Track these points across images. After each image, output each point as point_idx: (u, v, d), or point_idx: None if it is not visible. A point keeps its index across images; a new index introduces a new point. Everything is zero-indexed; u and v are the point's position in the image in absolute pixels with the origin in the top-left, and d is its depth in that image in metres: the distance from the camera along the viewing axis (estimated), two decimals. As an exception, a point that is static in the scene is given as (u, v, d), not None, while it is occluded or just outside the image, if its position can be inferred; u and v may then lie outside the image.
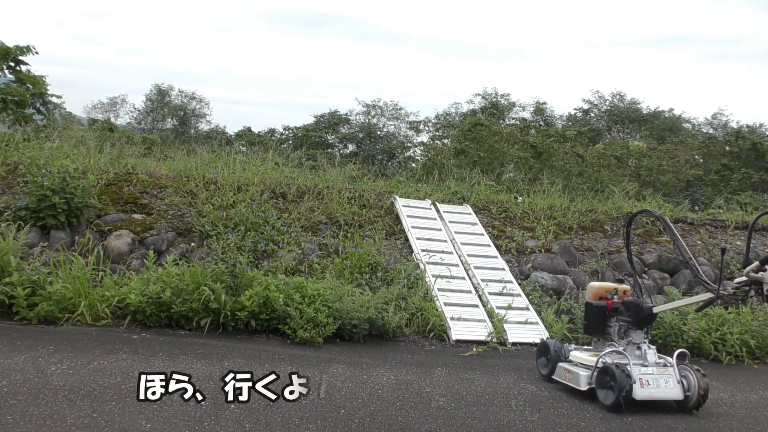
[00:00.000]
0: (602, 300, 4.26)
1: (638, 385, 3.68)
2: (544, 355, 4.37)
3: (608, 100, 28.25)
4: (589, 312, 4.28)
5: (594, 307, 4.24)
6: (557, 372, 4.19)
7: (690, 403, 3.80)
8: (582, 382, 3.91)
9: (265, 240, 6.04)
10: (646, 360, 3.90)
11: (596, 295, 4.31)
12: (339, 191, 7.56)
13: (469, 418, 3.40)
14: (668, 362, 3.90)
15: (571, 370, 4.06)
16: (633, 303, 4.06)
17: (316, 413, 3.26)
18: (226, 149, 9.12)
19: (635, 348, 3.99)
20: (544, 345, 4.40)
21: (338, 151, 22.65)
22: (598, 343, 4.27)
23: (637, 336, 4.02)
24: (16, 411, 2.94)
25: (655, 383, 3.76)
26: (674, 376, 3.81)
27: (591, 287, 4.38)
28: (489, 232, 7.29)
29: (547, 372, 4.28)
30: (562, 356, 4.22)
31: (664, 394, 3.77)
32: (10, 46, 11.23)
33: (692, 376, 3.83)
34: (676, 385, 3.79)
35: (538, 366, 4.41)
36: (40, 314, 4.56)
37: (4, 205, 5.83)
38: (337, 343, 4.80)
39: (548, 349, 4.31)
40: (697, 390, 3.77)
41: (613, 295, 4.26)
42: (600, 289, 4.32)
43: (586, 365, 4.03)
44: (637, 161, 15.26)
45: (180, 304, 4.71)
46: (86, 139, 9.00)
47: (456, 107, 26.66)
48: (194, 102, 29.44)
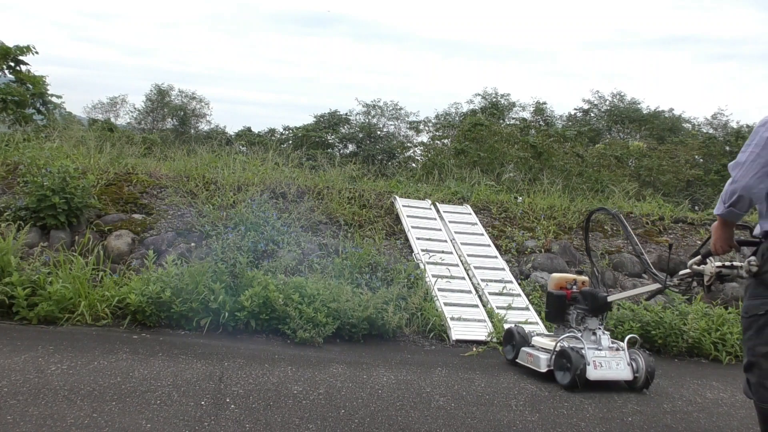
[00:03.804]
0: (562, 290, 4.59)
1: (592, 367, 4.04)
2: (509, 342, 4.76)
3: (608, 100, 28.27)
4: (550, 301, 4.63)
5: (554, 296, 4.58)
6: (520, 356, 4.56)
7: (638, 383, 4.16)
8: (542, 365, 4.28)
9: (265, 240, 6.04)
10: (600, 344, 4.26)
11: (557, 285, 4.63)
12: (339, 191, 7.56)
13: (469, 418, 3.40)
14: (620, 346, 4.28)
15: (532, 353, 4.42)
16: (589, 293, 4.41)
17: (316, 413, 3.26)
18: (226, 149, 9.12)
19: (591, 333, 4.34)
20: (509, 332, 4.79)
21: (338, 151, 22.66)
22: (559, 329, 4.59)
23: (593, 323, 4.37)
24: (16, 411, 2.94)
25: (608, 365, 4.12)
26: (625, 359, 4.18)
27: (553, 278, 4.72)
28: (489, 232, 7.29)
29: (512, 356, 4.64)
30: (526, 342, 4.60)
31: (615, 375, 4.13)
32: (10, 46, 11.23)
33: (641, 359, 4.17)
34: (626, 366, 4.15)
35: (505, 352, 4.77)
36: (40, 314, 4.56)
37: (4, 205, 5.83)
38: (337, 343, 4.80)
39: (513, 336, 4.70)
40: (644, 371, 4.14)
41: (573, 285, 4.59)
42: (561, 280, 4.66)
43: (546, 349, 4.37)
44: (637, 161, 15.26)
45: (180, 304, 4.71)
46: (86, 139, 9.00)
47: (456, 107, 26.70)
48: (194, 102, 29.46)
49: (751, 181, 2.65)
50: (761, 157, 2.62)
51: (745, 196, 2.67)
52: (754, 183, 2.64)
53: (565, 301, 4.53)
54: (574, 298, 4.50)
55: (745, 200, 2.68)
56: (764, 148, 2.62)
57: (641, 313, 5.51)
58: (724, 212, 2.76)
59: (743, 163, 2.69)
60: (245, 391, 3.48)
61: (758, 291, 2.68)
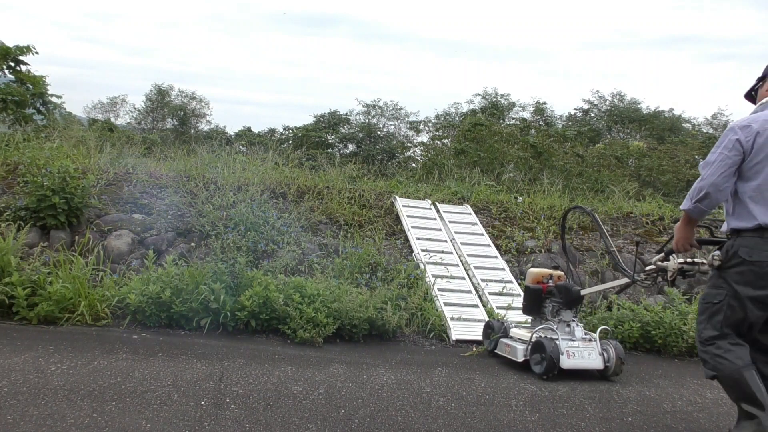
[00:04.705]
0: (539, 284, 4.78)
1: (565, 356, 4.26)
2: (488, 334, 4.95)
3: (608, 100, 28.27)
4: (527, 294, 4.81)
5: (531, 290, 4.77)
6: (499, 347, 4.77)
7: (609, 372, 4.39)
8: (519, 355, 4.48)
9: (265, 240, 6.04)
10: (574, 335, 4.48)
11: (534, 280, 4.81)
12: (339, 191, 7.56)
13: (469, 418, 3.40)
14: (593, 337, 4.51)
15: (510, 344, 4.64)
16: (564, 287, 4.61)
17: (316, 413, 3.26)
18: (226, 149, 9.12)
19: (565, 325, 4.56)
20: (489, 325, 4.98)
21: (338, 151, 22.65)
22: (535, 321, 4.78)
23: (567, 315, 4.59)
24: (16, 411, 2.94)
25: (580, 355, 4.35)
26: (596, 349, 4.40)
27: (530, 273, 4.90)
28: (489, 232, 7.29)
29: (492, 347, 4.84)
30: (504, 333, 4.82)
31: (587, 364, 4.35)
32: (10, 46, 11.24)
33: (611, 350, 4.40)
34: (598, 356, 4.38)
35: (486, 344, 4.95)
36: (40, 314, 4.56)
37: (4, 205, 5.82)
38: (337, 343, 4.80)
39: (493, 328, 4.89)
40: (615, 361, 4.36)
41: (549, 279, 4.76)
42: (537, 275, 4.82)
43: (523, 340, 4.57)
44: (637, 161, 15.25)
45: (180, 304, 4.71)
46: (86, 139, 9.01)
47: (456, 107, 26.69)
48: (194, 102, 29.48)
49: (718, 179, 2.90)
50: (729, 158, 2.89)
51: (712, 193, 2.93)
52: (721, 181, 2.90)
53: (542, 294, 4.72)
54: (550, 291, 4.69)
55: (712, 197, 2.94)
56: (732, 150, 2.89)
57: (641, 313, 5.51)
58: (691, 207, 3.04)
59: (712, 162, 2.95)
60: (245, 391, 3.48)
61: (718, 282, 3.03)
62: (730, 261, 2.96)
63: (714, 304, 3.02)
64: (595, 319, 5.52)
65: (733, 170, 2.90)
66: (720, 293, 3.00)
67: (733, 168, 2.90)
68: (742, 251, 2.90)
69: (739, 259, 2.91)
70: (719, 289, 3.01)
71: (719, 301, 2.99)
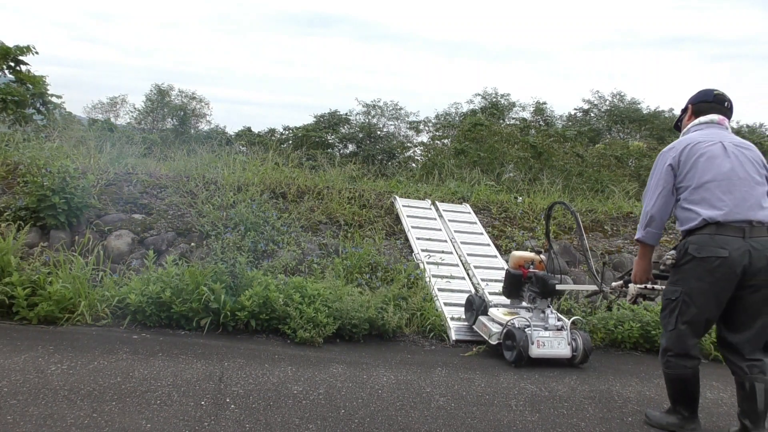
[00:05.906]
0: (520, 269, 4.92)
1: (535, 346, 4.44)
2: (469, 309, 5.15)
3: (608, 100, 28.27)
4: (508, 278, 4.98)
5: (512, 274, 4.94)
6: (477, 324, 4.95)
7: (576, 360, 4.59)
8: (493, 338, 4.67)
9: (265, 240, 6.04)
10: (547, 323, 4.64)
11: (516, 264, 4.96)
12: (339, 191, 7.56)
13: (469, 418, 3.40)
14: (564, 326, 4.65)
15: (486, 324, 4.79)
16: (541, 278, 4.75)
17: (316, 413, 3.26)
18: (226, 149, 9.12)
19: (540, 312, 4.74)
20: (469, 300, 5.18)
21: (338, 151, 22.65)
22: (514, 302, 5.00)
23: (542, 303, 4.76)
24: (16, 411, 2.94)
25: (550, 344, 4.51)
26: (566, 339, 4.56)
27: (513, 256, 5.03)
28: (489, 232, 7.29)
29: (472, 322, 5.05)
30: (484, 310, 4.99)
31: (555, 353, 4.52)
32: (10, 46, 11.25)
33: (579, 339, 4.59)
34: (567, 346, 4.54)
35: (467, 318, 5.16)
36: (40, 314, 4.56)
37: (4, 205, 5.82)
38: (337, 343, 4.80)
39: (473, 304, 5.08)
40: (582, 350, 4.55)
41: (531, 264, 4.89)
42: (520, 259, 4.95)
43: (500, 323, 4.72)
44: (637, 161, 15.25)
45: (180, 304, 4.71)
46: (86, 139, 9.00)
47: (456, 107, 26.70)
48: (194, 102, 29.48)
49: (659, 201, 3.24)
50: (665, 181, 3.24)
51: (656, 215, 3.25)
52: (661, 204, 3.24)
53: (521, 279, 4.88)
54: (530, 278, 4.84)
55: (657, 219, 3.25)
56: (666, 174, 3.23)
57: (641, 313, 5.51)
58: (643, 234, 3.32)
59: (651, 189, 3.31)
60: (245, 391, 3.48)
61: (675, 279, 3.25)
62: (683, 259, 3.18)
63: (672, 301, 3.22)
64: (595, 319, 5.52)
65: (669, 189, 3.23)
66: (676, 290, 3.20)
67: (669, 187, 3.23)
68: (692, 248, 3.13)
69: (690, 257, 3.13)
70: (675, 286, 3.22)
71: (675, 298, 3.19)
